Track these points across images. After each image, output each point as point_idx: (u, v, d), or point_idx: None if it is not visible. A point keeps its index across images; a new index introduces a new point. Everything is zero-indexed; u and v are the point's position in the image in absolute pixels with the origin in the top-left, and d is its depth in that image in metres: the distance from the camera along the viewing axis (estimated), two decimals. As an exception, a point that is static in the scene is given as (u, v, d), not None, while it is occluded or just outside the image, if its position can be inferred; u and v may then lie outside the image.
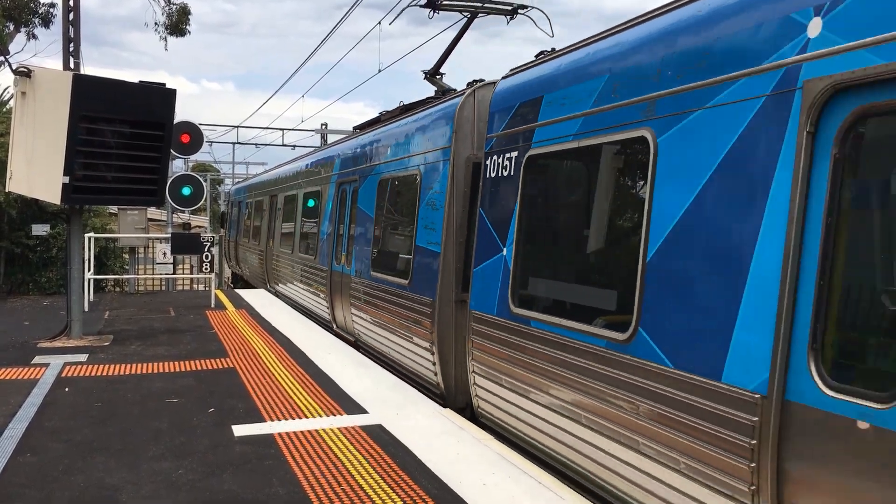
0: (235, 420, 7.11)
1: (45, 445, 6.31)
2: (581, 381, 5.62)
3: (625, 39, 5.59)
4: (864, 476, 3.44)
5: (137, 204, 15.66)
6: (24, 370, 9.19)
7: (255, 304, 16.00)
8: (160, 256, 19.75)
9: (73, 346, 10.86)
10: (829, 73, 3.76)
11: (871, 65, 3.55)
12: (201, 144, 18.76)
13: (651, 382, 4.76)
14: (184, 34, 26.55)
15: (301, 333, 12.15)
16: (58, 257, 18.06)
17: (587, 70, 5.91)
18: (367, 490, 5.37)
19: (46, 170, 10.23)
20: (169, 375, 9.04)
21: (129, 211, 18.25)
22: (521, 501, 5.20)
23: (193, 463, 5.92)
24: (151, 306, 15.94)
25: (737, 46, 4.39)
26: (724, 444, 4.15)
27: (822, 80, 3.79)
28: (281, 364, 9.71)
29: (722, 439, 4.16)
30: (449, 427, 6.96)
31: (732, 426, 4.09)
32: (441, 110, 8.87)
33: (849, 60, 3.66)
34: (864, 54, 3.59)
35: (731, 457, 4.10)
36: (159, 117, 10.86)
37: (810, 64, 3.88)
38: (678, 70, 4.82)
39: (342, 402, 7.84)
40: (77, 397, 7.92)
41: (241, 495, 5.25)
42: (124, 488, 5.37)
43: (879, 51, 3.51)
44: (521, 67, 7.31)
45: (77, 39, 17.36)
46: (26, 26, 25.64)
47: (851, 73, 3.64)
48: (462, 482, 5.52)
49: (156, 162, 11.04)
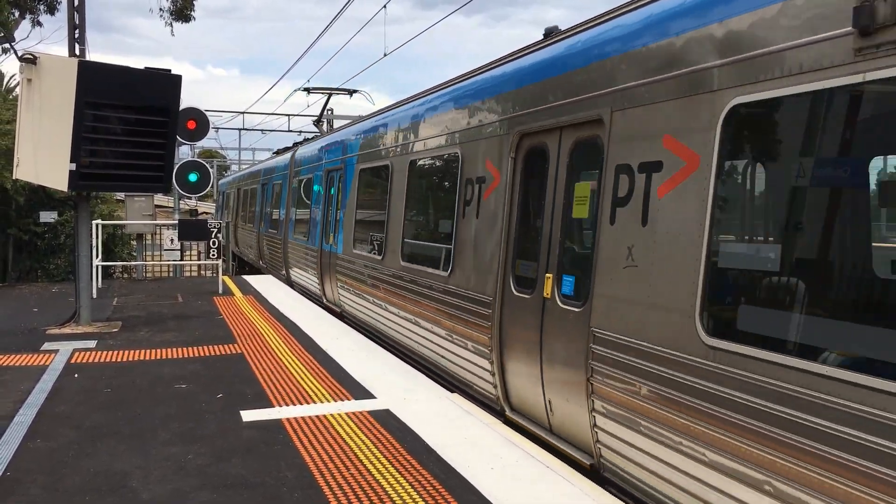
0: (244, 405, 7.14)
1: (55, 431, 6.35)
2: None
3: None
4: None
5: (144, 190, 15.68)
6: (33, 357, 9.24)
7: (263, 290, 16.04)
8: (168, 243, 19.79)
9: (82, 332, 10.91)
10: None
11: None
12: (207, 131, 18.80)
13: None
14: (188, 20, 26.42)
15: (309, 319, 12.18)
16: (66, 244, 18.10)
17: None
18: (375, 474, 5.39)
19: (53, 157, 10.24)
20: (177, 361, 9.08)
21: (136, 197, 18.27)
22: (529, 485, 5.21)
23: (202, 448, 5.95)
24: (159, 293, 15.99)
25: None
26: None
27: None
28: (289, 349, 9.73)
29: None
30: (456, 411, 6.97)
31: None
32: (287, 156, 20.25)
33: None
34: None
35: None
36: (165, 103, 10.85)
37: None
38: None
39: (350, 387, 7.86)
40: (86, 383, 7.96)
41: (250, 480, 5.28)
42: (134, 473, 5.40)
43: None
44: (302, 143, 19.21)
45: (82, 26, 17.31)
46: (31, 13, 25.57)
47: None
48: (469, 466, 5.53)
49: (162, 148, 11.04)
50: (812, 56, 3.77)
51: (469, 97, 8.29)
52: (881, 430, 3.32)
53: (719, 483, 4.21)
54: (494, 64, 8.14)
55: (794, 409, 3.72)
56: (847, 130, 3.91)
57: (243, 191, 27.12)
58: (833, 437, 3.53)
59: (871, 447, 3.37)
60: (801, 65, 3.83)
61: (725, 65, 4.37)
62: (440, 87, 9.65)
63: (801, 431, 3.67)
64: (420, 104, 10.00)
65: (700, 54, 4.59)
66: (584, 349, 5.54)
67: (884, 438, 3.31)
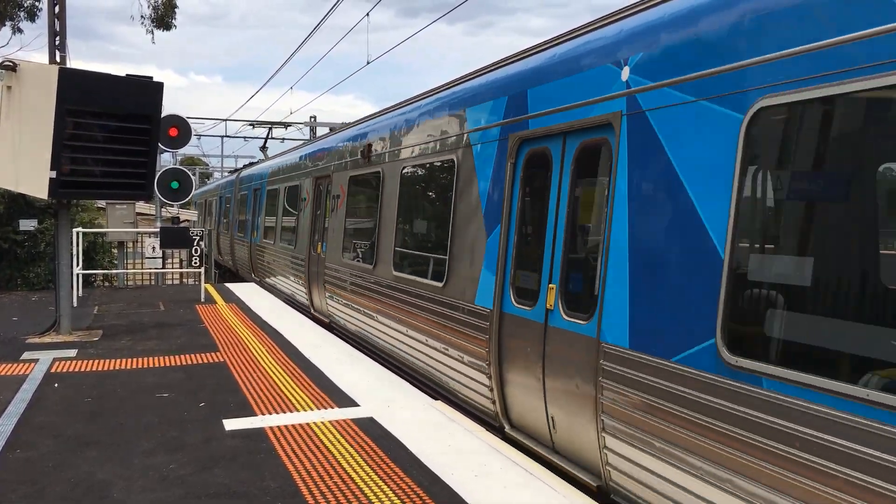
0: (226, 414, 7.10)
1: (36, 441, 6.29)
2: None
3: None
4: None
5: (126, 198, 15.61)
6: (12, 366, 9.14)
7: (245, 298, 15.96)
8: (149, 251, 19.66)
9: (63, 341, 10.81)
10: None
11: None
12: (189, 138, 18.67)
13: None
14: (170, 28, 26.26)
15: (291, 327, 12.14)
16: (46, 252, 17.92)
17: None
18: (359, 482, 5.38)
19: (33, 164, 10.17)
20: (159, 370, 9.02)
21: (117, 205, 18.16)
22: (513, 492, 5.22)
23: (185, 457, 5.91)
24: (141, 301, 15.87)
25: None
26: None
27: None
28: (271, 357, 9.70)
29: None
30: (440, 419, 6.97)
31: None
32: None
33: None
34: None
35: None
36: (147, 110, 10.82)
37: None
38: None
39: (333, 394, 7.84)
40: (67, 393, 7.89)
41: (233, 489, 5.26)
42: (116, 483, 5.36)
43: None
44: (249, 166, 25.55)
45: (63, 33, 17.22)
46: (11, 20, 25.35)
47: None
48: (454, 474, 5.54)
49: (144, 156, 11.00)
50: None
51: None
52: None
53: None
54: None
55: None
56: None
57: (217, 201, 30.57)
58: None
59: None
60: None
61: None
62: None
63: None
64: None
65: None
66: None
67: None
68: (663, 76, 4.92)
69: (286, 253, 16.50)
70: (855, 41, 3.57)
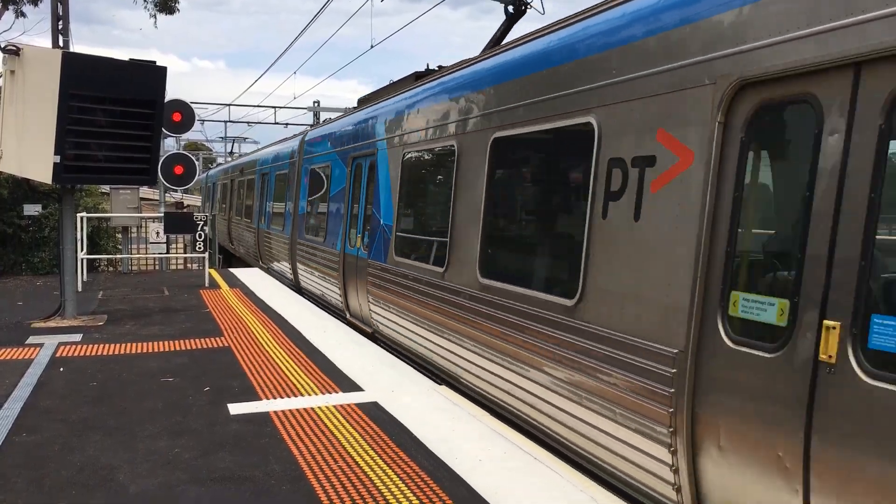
0: (231, 398, 7.12)
1: (41, 425, 6.31)
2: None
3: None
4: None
5: (129, 183, 15.60)
6: (18, 350, 9.17)
7: (249, 283, 15.98)
8: (153, 236, 19.66)
9: (67, 326, 10.84)
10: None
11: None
12: (192, 123, 18.69)
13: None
14: (173, 12, 26.17)
15: (295, 311, 12.15)
16: (50, 237, 17.95)
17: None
18: (364, 466, 5.40)
19: (37, 149, 10.15)
20: (164, 355, 9.04)
21: (121, 190, 18.15)
22: (517, 476, 5.23)
23: (190, 441, 5.93)
24: (145, 286, 15.90)
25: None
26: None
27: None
28: (276, 342, 9.71)
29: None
30: (444, 403, 6.98)
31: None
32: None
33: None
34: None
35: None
36: (150, 95, 10.79)
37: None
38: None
39: (337, 379, 7.86)
40: (72, 377, 7.92)
41: (238, 473, 5.27)
42: (121, 467, 5.38)
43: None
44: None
45: (66, 17, 17.17)
46: (14, 4, 25.28)
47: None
48: (458, 458, 5.55)
49: (147, 140, 10.98)
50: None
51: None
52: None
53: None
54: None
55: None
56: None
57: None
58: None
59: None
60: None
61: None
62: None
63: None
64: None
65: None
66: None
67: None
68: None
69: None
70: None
